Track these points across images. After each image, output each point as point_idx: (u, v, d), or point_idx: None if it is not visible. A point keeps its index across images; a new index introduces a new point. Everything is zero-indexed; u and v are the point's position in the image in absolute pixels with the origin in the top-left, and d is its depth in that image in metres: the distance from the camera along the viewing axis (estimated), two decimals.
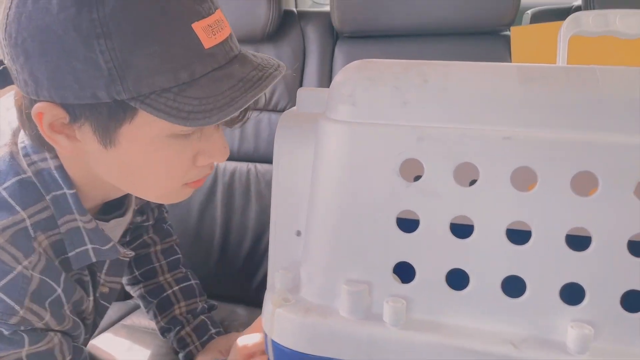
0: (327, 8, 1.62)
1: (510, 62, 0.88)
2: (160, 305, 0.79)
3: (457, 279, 0.37)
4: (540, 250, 0.34)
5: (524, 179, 0.39)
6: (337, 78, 0.39)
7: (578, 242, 0.34)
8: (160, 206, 0.81)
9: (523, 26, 0.87)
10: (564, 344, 0.34)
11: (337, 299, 0.38)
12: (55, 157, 0.50)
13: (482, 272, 0.36)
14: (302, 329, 0.37)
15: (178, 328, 0.78)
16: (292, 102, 1.01)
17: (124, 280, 0.82)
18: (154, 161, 0.47)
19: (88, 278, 0.57)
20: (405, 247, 0.37)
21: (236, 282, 1.00)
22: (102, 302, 0.62)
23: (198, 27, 0.42)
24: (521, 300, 0.35)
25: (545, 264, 0.34)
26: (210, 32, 0.42)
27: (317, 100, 0.46)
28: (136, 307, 0.95)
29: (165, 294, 0.79)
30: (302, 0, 1.61)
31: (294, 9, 1.08)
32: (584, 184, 0.36)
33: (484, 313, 0.36)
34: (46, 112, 0.43)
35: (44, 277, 0.49)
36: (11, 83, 0.45)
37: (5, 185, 0.48)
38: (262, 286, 0.98)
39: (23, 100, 0.46)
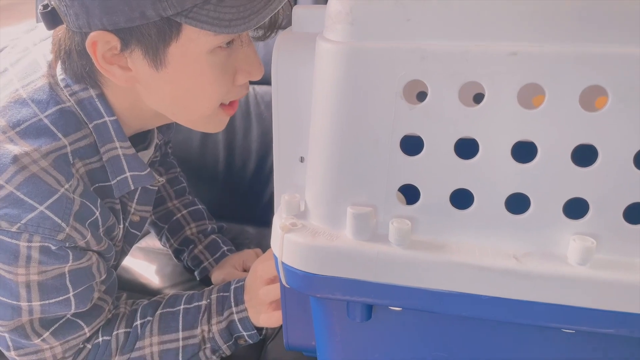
0: None
1: None
2: (171, 229, 0.82)
3: (462, 199, 0.37)
4: (546, 167, 0.34)
5: (530, 95, 0.38)
6: None
7: (582, 156, 0.34)
8: (167, 142, 0.82)
9: None
10: (565, 256, 0.35)
11: (343, 222, 0.39)
12: (97, 86, 0.52)
13: (486, 191, 0.36)
14: (311, 252, 0.39)
15: (191, 247, 0.81)
16: (286, 20, 0.96)
17: None
18: (199, 78, 0.50)
19: (119, 207, 0.60)
20: (410, 170, 0.37)
21: (243, 202, 1.02)
22: (132, 230, 0.65)
23: None
24: (525, 217, 0.36)
25: (550, 180, 0.34)
26: None
27: (315, 19, 0.44)
28: (147, 232, 0.98)
29: (175, 218, 0.82)
30: None
31: None
32: (590, 98, 0.35)
33: (488, 230, 0.37)
34: (99, 40, 0.46)
35: (83, 200, 0.52)
36: (59, 24, 0.47)
37: (47, 113, 0.50)
38: (270, 205, 1.00)
39: (73, 38, 0.48)
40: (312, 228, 0.40)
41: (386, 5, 0.34)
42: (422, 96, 0.35)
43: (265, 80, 0.97)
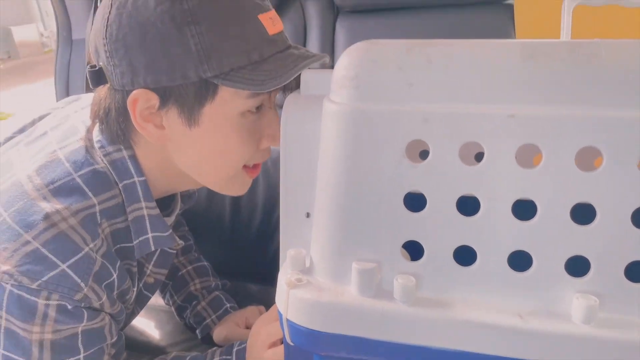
0: None
1: (514, 32, 0.87)
2: (176, 285, 0.82)
3: (465, 256, 0.37)
4: (546, 225, 0.35)
5: (528, 154, 0.39)
6: (341, 61, 0.39)
7: (582, 215, 0.35)
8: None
9: None
10: (569, 315, 0.35)
11: (348, 278, 0.39)
12: (129, 147, 0.55)
13: (489, 248, 0.37)
14: (316, 308, 0.39)
15: (194, 303, 0.81)
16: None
17: None
18: (228, 139, 0.53)
19: (135, 269, 0.61)
20: (413, 226, 0.37)
21: (247, 259, 1.02)
22: (145, 292, 0.66)
23: (263, 18, 0.50)
24: (527, 274, 0.36)
25: (551, 238, 0.35)
26: (271, 23, 0.51)
27: (321, 83, 0.46)
28: None
29: (180, 274, 0.82)
30: None
31: None
32: (587, 158, 0.37)
33: (491, 287, 0.37)
34: (141, 98, 0.49)
35: (104, 261, 0.53)
36: (103, 83, 0.51)
37: (80, 173, 0.53)
38: (273, 262, 0.99)
39: (114, 96, 0.51)
40: (317, 284, 0.40)
41: (389, 71, 0.36)
42: (425, 154, 0.36)
43: None
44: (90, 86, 0.52)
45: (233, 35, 0.48)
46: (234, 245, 1.02)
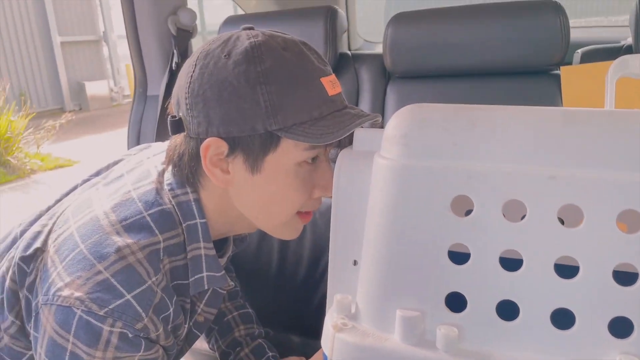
0: (378, 47, 1.69)
1: (561, 100, 0.88)
2: (221, 330, 0.84)
3: (508, 309, 0.39)
4: (589, 285, 0.36)
5: (571, 214, 0.41)
6: (392, 121, 0.43)
7: (624, 276, 0.35)
8: None
9: (573, 66, 0.88)
10: None
11: (391, 325, 0.41)
12: (195, 191, 0.61)
13: (531, 304, 0.38)
14: (360, 352, 0.40)
15: (237, 349, 0.82)
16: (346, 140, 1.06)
17: None
18: (285, 187, 0.58)
19: (189, 306, 0.65)
20: (457, 278, 0.39)
21: (291, 309, 1.03)
22: (194, 330, 0.69)
23: (325, 80, 0.56)
24: (570, 333, 0.37)
25: (594, 298, 0.36)
26: (331, 85, 0.57)
27: (373, 140, 0.50)
28: None
29: (225, 319, 0.84)
30: (353, 39, 1.68)
31: (349, 52, 1.13)
32: (626, 221, 0.38)
33: (533, 344, 0.38)
34: (213, 145, 0.56)
35: (163, 295, 0.57)
36: (181, 132, 0.58)
37: (150, 212, 0.59)
38: (317, 314, 1.00)
39: (189, 143, 0.58)
40: (362, 329, 0.42)
41: (435, 131, 0.39)
42: (471, 210, 0.39)
43: None
44: (170, 133, 0.59)
45: (298, 95, 0.54)
46: (279, 294, 1.04)
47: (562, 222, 0.37)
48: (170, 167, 0.62)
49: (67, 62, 7.99)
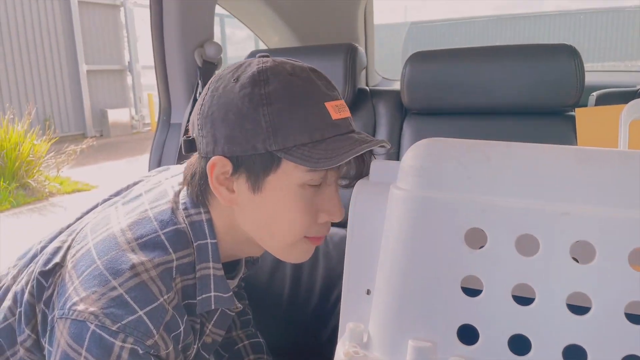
0: (395, 85, 1.72)
1: (576, 141, 0.89)
2: (231, 358, 0.84)
3: (519, 344, 0.39)
4: (601, 321, 0.36)
5: (584, 251, 0.41)
6: (408, 153, 0.44)
7: (636, 314, 0.36)
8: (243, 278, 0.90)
9: (588, 108, 0.89)
10: None
11: (403, 355, 0.41)
12: (207, 212, 0.63)
13: (543, 340, 0.38)
14: None
15: None
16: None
17: None
18: (286, 208, 0.58)
19: (198, 327, 0.65)
20: (470, 311, 0.40)
21: (301, 339, 1.03)
22: (202, 351, 0.69)
23: (329, 105, 0.57)
24: None
25: (606, 335, 0.36)
26: (336, 110, 0.58)
27: (388, 172, 0.51)
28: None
29: (236, 347, 0.84)
30: (372, 76, 1.72)
31: (367, 87, 1.16)
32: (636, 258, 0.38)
33: None
34: (218, 163, 0.58)
35: (174, 313, 0.58)
36: (193, 151, 0.61)
37: (165, 231, 0.60)
38: (326, 346, 1.00)
39: (200, 162, 0.61)
40: (373, 358, 0.42)
41: (451, 164, 0.41)
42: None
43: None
44: (183, 152, 0.62)
45: (298, 116, 0.55)
46: (290, 323, 1.04)
47: (576, 260, 0.38)
48: (185, 187, 0.64)
49: (92, 89, 8.24)
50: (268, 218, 0.59)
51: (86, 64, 8.06)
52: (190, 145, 0.61)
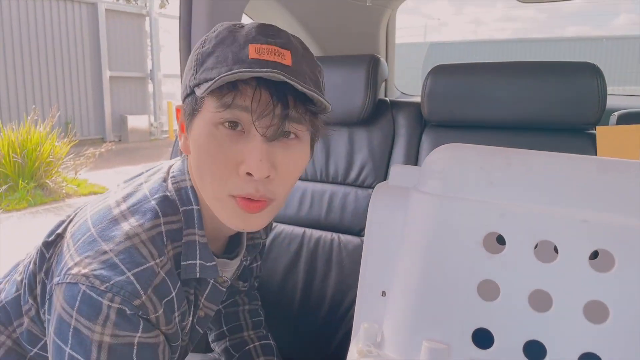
0: (414, 98, 1.73)
1: None
2: (241, 358, 0.84)
3: (535, 350, 0.39)
4: (618, 330, 0.36)
5: (602, 259, 0.41)
6: (430, 157, 0.45)
7: None
8: (257, 277, 0.93)
9: (609, 126, 0.89)
10: None
11: (417, 355, 0.41)
12: (191, 179, 0.65)
13: (559, 347, 0.38)
14: None
15: None
16: (377, 179, 1.08)
17: (211, 336, 0.91)
18: (204, 149, 0.58)
19: (192, 297, 0.67)
20: (486, 315, 0.40)
21: (311, 346, 1.03)
22: (196, 326, 0.70)
23: (253, 46, 0.55)
24: None
25: (622, 343, 0.36)
26: (259, 51, 0.55)
27: (408, 176, 0.52)
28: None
29: (247, 348, 0.85)
30: (391, 91, 1.73)
31: (387, 99, 1.17)
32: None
33: None
34: (181, 109, 0.63)
35: (166, 278, 0.59)
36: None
37: (155, 197, 0.63)
38: (335, 355, 1.00)
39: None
40: (387, 358, 0.43)
41: (472, 169, 0.41)
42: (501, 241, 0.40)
43: (348, 230, 1.08)
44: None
45: (216, 55, 0.56)
46: (300, 329, 1.04)
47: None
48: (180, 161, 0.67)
49: (113, 95, 8.39)
50: (195, 162, 0.60)
51: (109, 70, 8.23)
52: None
